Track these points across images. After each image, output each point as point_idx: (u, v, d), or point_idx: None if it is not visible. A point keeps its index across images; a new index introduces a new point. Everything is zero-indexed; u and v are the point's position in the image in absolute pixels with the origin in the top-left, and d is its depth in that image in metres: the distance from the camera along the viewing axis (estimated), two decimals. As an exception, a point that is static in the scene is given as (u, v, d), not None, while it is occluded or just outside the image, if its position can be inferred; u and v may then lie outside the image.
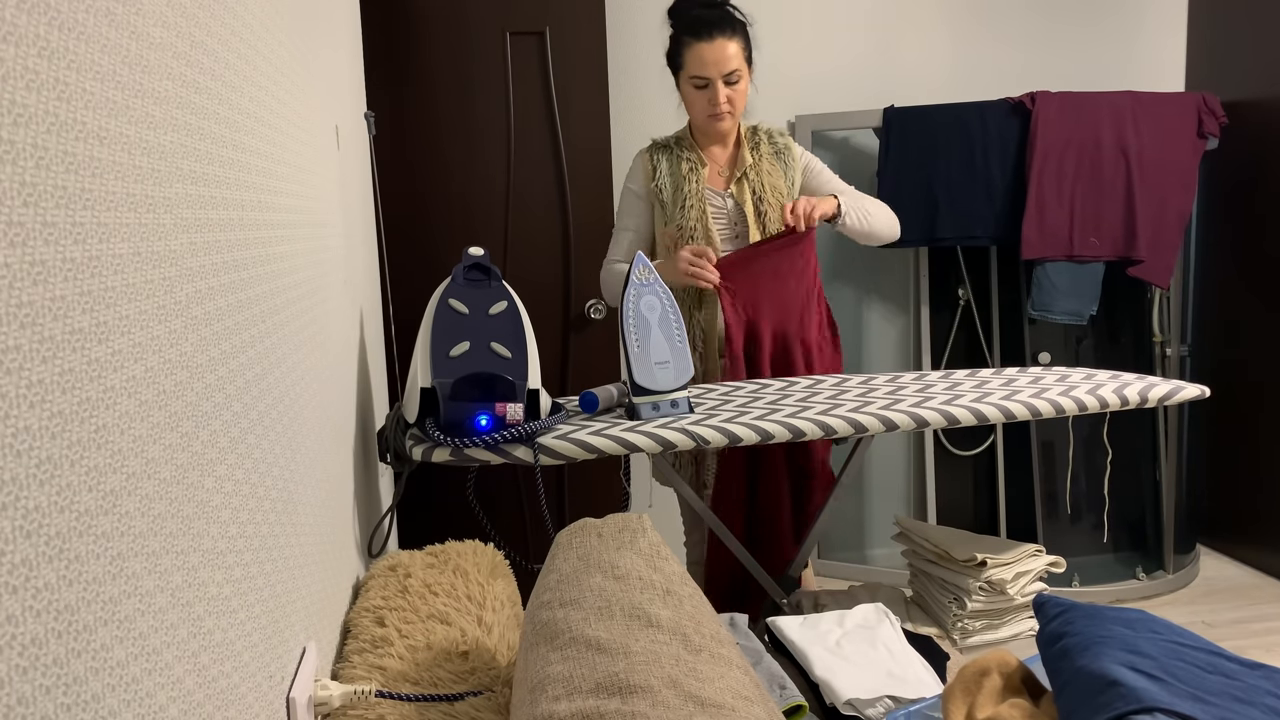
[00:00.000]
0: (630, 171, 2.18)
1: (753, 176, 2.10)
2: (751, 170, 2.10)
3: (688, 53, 2.01)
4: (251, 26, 1.03)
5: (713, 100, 2.02)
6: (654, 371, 1.65)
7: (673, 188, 2.10)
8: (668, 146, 2.15)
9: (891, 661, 1.32)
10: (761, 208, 2.09)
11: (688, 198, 2.08)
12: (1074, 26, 3.39)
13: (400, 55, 2.56)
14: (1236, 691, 0.88)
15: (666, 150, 2.14)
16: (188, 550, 0.69)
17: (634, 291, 1.68)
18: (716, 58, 1.98)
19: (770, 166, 2.12)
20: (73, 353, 0.52)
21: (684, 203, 2.07)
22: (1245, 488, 3.29)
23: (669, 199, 2.09)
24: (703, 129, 2.11)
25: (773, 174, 2.11)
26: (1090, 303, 2.93)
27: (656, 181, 2.11)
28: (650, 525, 1.13)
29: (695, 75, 2.01)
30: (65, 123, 0.53)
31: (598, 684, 0.80)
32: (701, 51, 1.99)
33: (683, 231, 2.07)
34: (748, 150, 2.12)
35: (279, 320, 1.07)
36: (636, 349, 1.65)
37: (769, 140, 2.15)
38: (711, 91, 2.01)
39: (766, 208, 2.08)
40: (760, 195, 2.09)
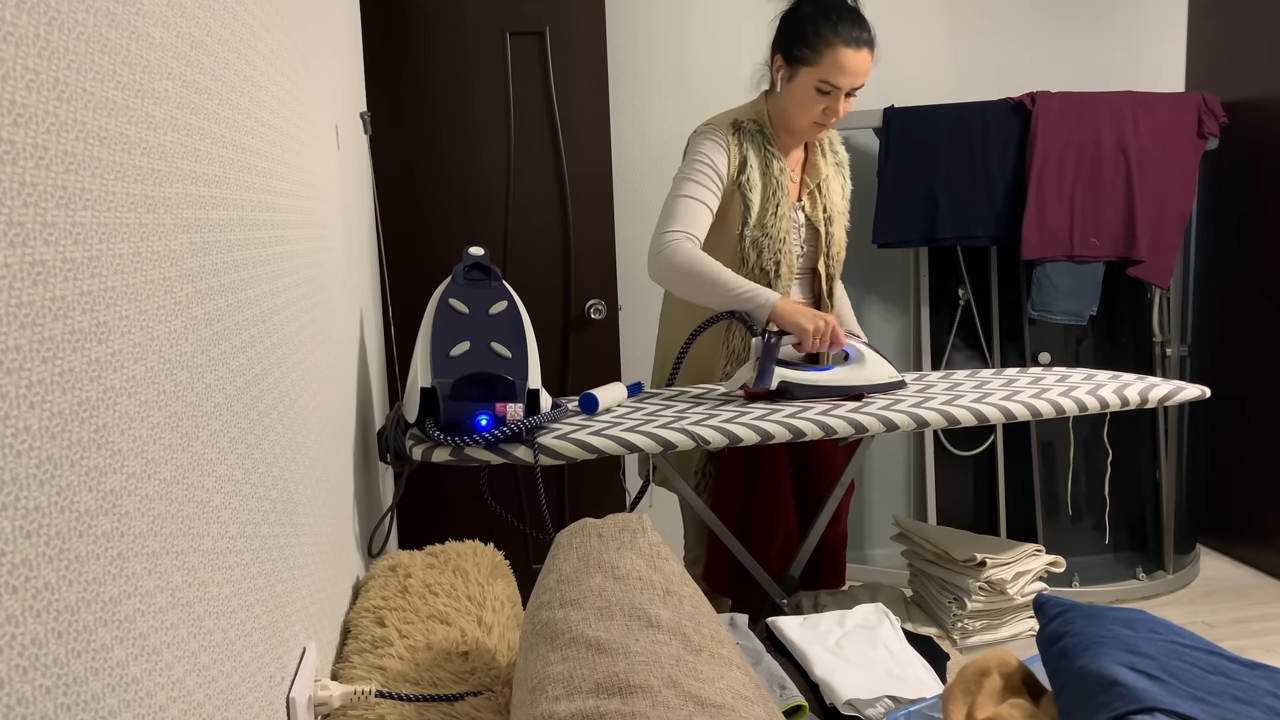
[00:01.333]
0: (707, 143, 1.88)
1: (825, 191, 1.94)
2: (824, 183, 1.94)
3: (829, 54, 1.78)
4: (251, 26, 1.03)
5: (831, 110, 1.83)
6: None
7: (763, 188, 1.87)
8: (751, 133, 1.90)
9: (891, 661, 1.32)
10: (830, 228, 1.94)
11: (780, 205, 1.87)
12: (1074, 26, 3.39)
13: (400, 55, 2.56)
14: (1236, 691, 0.88)
15: (752, 139, 1.89)
16: (188, 550, 0.69)
17: None
18: (859, 69, 1.79)
19: (834, 180, 1.97)
20: (73, 353, 0.52)
21: (775, 210, 1.86)
22: (1245, 488, 3.29)
23: (756, 200, 1.86)
24: (797, 131, 1.90)
25: (835, 190, 1.97)
26: (1090, 303, 2.93)
27: (746, 174, 1.86)
28: (650, 525, 1.13)
29: (828, 80, 1.79)
30: (65, 123, 0.53)
31: (598, 684, 0.80)
32: (847, 59, 1.77)
33: (771, 241, 1.86)
34: (820, 158, 1.95)
35: (279, 320, 1.07)
36: None
37: (831, 149, 2.00)
38: (834, 100, 1.82)
39: (833, 229, 1.94)
40: (830, 214, 1.94)
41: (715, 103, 3.15)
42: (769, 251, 1.86)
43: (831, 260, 1.96)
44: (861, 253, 3.22)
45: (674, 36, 3.12)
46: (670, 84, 3.14)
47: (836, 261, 1.97)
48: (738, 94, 3.16)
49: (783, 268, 1.88)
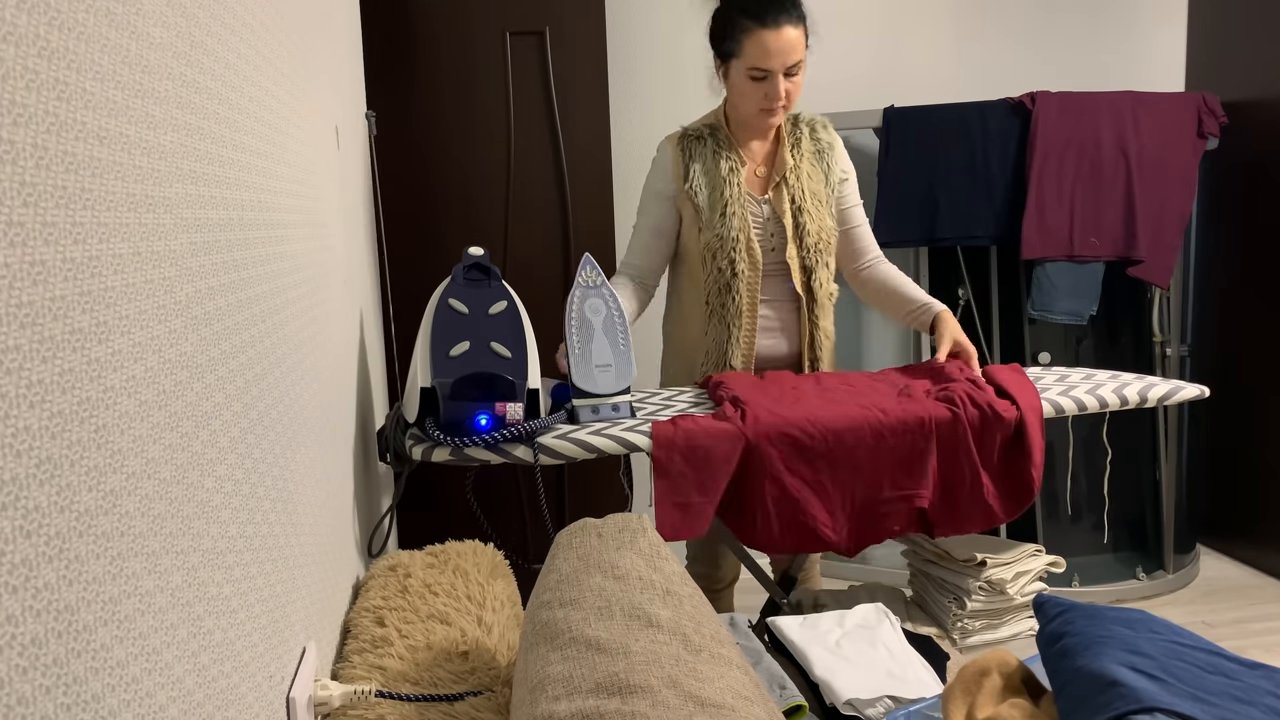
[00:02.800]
0: (655, 165, 1.95)
1: (793, 182, 1.89)
2: (791, 174, 1.89)
3: (747, 40, 1.77)
4: (251, 26, 1.03)
5: (770, 95, 1.80)
6: (594, 374, 1.63)
7: (710, 190, 1.87)
8: (701, 138, 1.91)
9: (891, 661, 1.32)
10: (800, 219, 1.88)
11: (729, 203, 1.86)
12: (1074, 26, 3.39)
13: (400, 55, 2.56)
14: (1236, 691, 0.88)
15: (700, 143, 1.91)
16: (188, 550, 0.69)
17: (579, 294, 1.65)
18: (782, 47, 1.75)
19: (811, 169, 1.91)
20: (73, 353, 0.52)
21: (724, 209, 1.86)
22: (1245, 488, 3.29)
23: (705, 203, 1.87)
24: (750, 124, 1.89)
25: (813, 178, 1.91)
26: (1090, 303, 2.93)
27: (690, 182, 1.88)
28: (650, 525, 1.13)
29: (755, 66, 1.78)
30: (65, 123, 0.53)
31: (598, 684, 0.80)
32: (765, 40, 1.75)
33: (723, 242, 1.86)
34: (788, 150, 1.91)
35: (279, 320, 1.07)
36: (578, 351, 1.63)
37: (810, 135, 1.94)
38: (770, 84, 1.79)
39: (806, 219, 1.88)
40: (800, 205, 1.88)
41: (714, 102, 3.15)
42: (722, 253, 1.87)
43: (807, 251, 1.89)
44: (861, 253, 3.22)
45: (674, 36, 3.12)
46: (670, 84, 3.14)
47: (817, 251, 1.90)
48: (738, 94, 3.15)
49: (739, 265, 1.86)
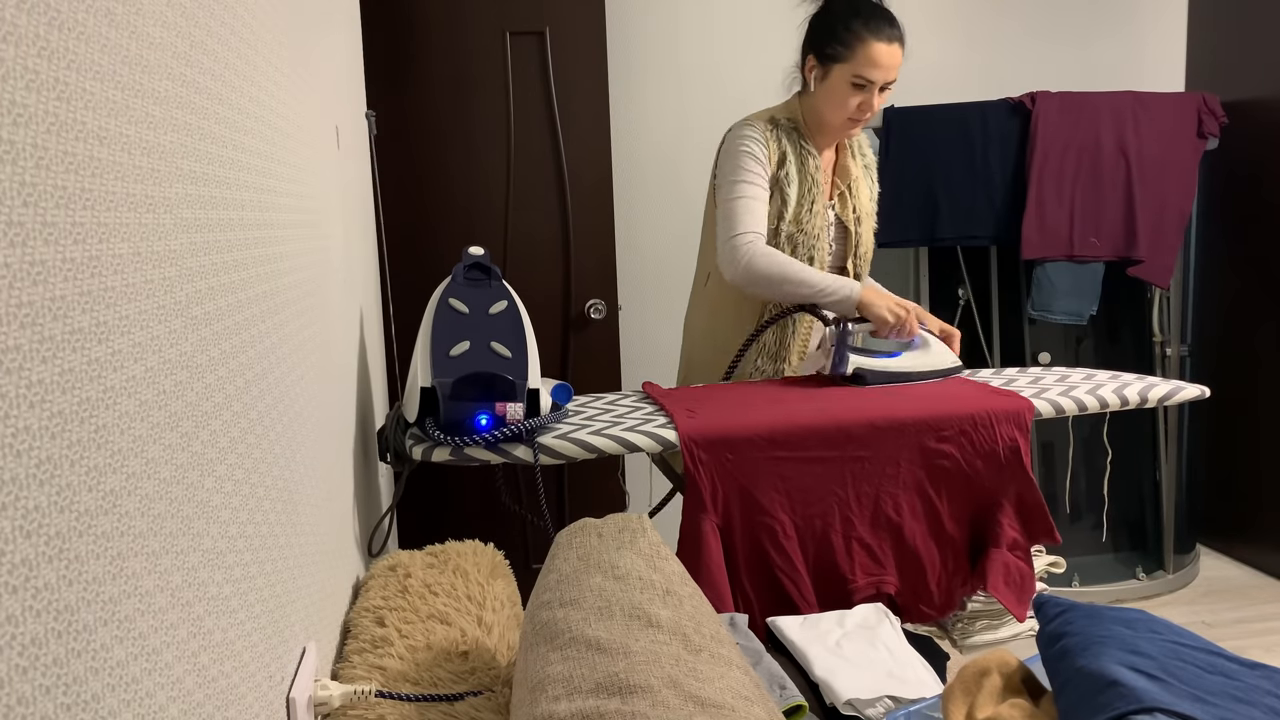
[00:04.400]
0: (747, 140, 1.90)
1: (856, 192, 1.96)
2: (855, 185, 1.96)
3: (861, 49, 1.81)
4: (251, 26, 1.03)
5: (865, 106, 1.84)
6: None
7: (800, 183, 1.89)
8: (787, 130, 1.92)
9: (891, 661, 1.32)
10: (859, 229, 1.95)
11: (815, 201, 1.89)
12: (1074, 26, 3.39)
13: (400, 55, 2.56)
14: (1236, 691, 0.88)
15: (788, 135, 1.91)
16: (188, 550, 0.69)
17: None
18: (891, 63, 1.81)
19: (863, 182, 1.99)
20: (73, 353, 0.52)
21: (811, 206, 1.89)
22: (1245, 488, 3.29)
23: (794, 196, 1.88)
24: (831, 129, 1.91)
25: (864, 191, 1.99)
26: (1090, 303, 2.93)
27: (785, 169, 1.88)
28: (650, 525, 1.13)
29: (861, 75, 1.81)
30: (65, 123, 0.53)
31: (598, 684, 0.80)
32: (878, 53, 1.80)
33: (806, 236, 1.88)
34: (850, 160, 1.97)
35: (279, 320, 1.07)
36: None
37: (860, 153, 2.01)
38: (868, 95, 1.83)
39: (862, 230, 1.96)
40: (859, 215, 1.95)
41: (714, 102, 3.15)
42: (803, 247, 1.89)
43: (859, 260, 1.98)
44: (861, 253, 3.22)
45: (674, 36, 3.12)
46: (670, 84, 3.14)
47: (864, 262, 2.00)
48: (736, 94, 3.15)
49: (815, 264, 1.90)
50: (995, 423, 1.60)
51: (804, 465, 1.55)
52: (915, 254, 3.14)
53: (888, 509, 1.58)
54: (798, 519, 1.56)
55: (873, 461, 1.58)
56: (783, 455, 1.54)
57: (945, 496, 1.60)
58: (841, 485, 1.57)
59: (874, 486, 1.58)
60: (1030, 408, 1.62)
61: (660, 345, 3.14)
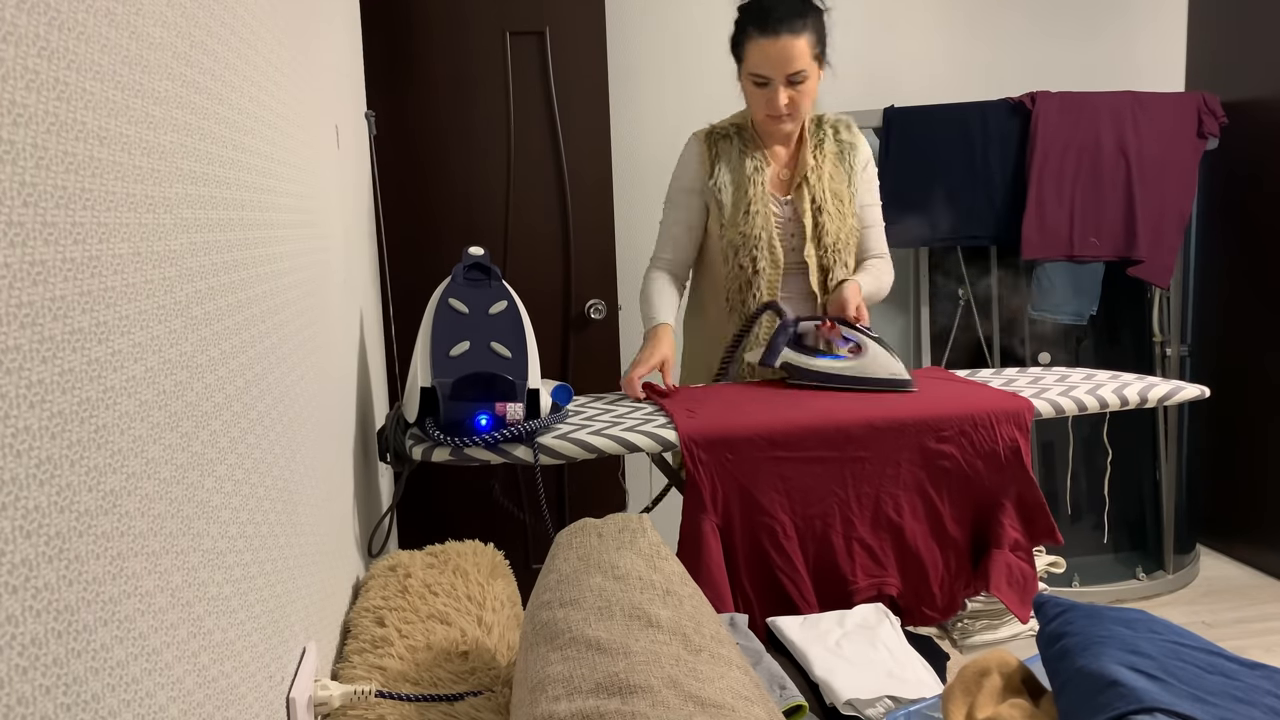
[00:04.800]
0: (682, 161, 1.98)
1: (814, 182, 1.91)
2: (813, 174, 1.91)
3: (750, 46, 1.81)
4: (251, 26, 1.03)
5: (771, 102, 1.83)
6: None
7: (734, 188, 1.90)
8: (728, 137, 1.94)
9: (891, 661, 1.32)
10: (820, 219, 1.90)
11: (753, 202, 1.89)
12: (1074, 26, 3.39)
13: (400, 55, 2.56)
14: (1236, 691, 0.88)
15: (727, 141, 1.94)
16: (188, 550, 0.69)
17: None
18: (780, 57, 1.78)
19: (834, 170, 1.93)
20: (73, 353, 0.52)
21: (748, 208, 1.89)
22: (1245, 488, 3.29)
23: (729, 201, 1.91)
24: (762, 128, 1.93)
25: (835, 179, 1.93)
26: (1090, 303, 2.92)
27: (715, 179, 1.91)
28: (650, 525, 1.13)
29: (754, 73, 1.82)
30: (65, 123, 0.53)
31: (598, 684, 0.80)
32: (764, 48, 1.79)
33: (746, 240, 1.89)
34: (809, 151, 1.93)
35: (279, 320, 1.07)
36: None
37: (834, 136, 1.96)
38: (771, 92, 1.82)
39: (825, 219, 1.90)
40: (820, 205, 1.90)
41: (715, 102, 3.14)
42: (744, 250, 1.90)
43: (825, 250, 1.92)
44: (861, 253, 3.22)
45: (674, 36, 3.12)
46: (670, 84, 3.14)
47: (835, 251, 1.93)
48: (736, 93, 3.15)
49: (760, 264, 1.90)
50: (995, 423, 1.60)
51: (804, 465, 1.55)
52: (915, 254, 3.14)
53: (888, 509, 1.58)
54: (798, 519, 1.56)
55: (873, 462, 1.58)
56: (783, 455, 1.54)
57: (946, 497, 1.60)
58: (842, 486, 1.57)
59: (874, 487, 1.58)
60: (1030, 408, 1.62)
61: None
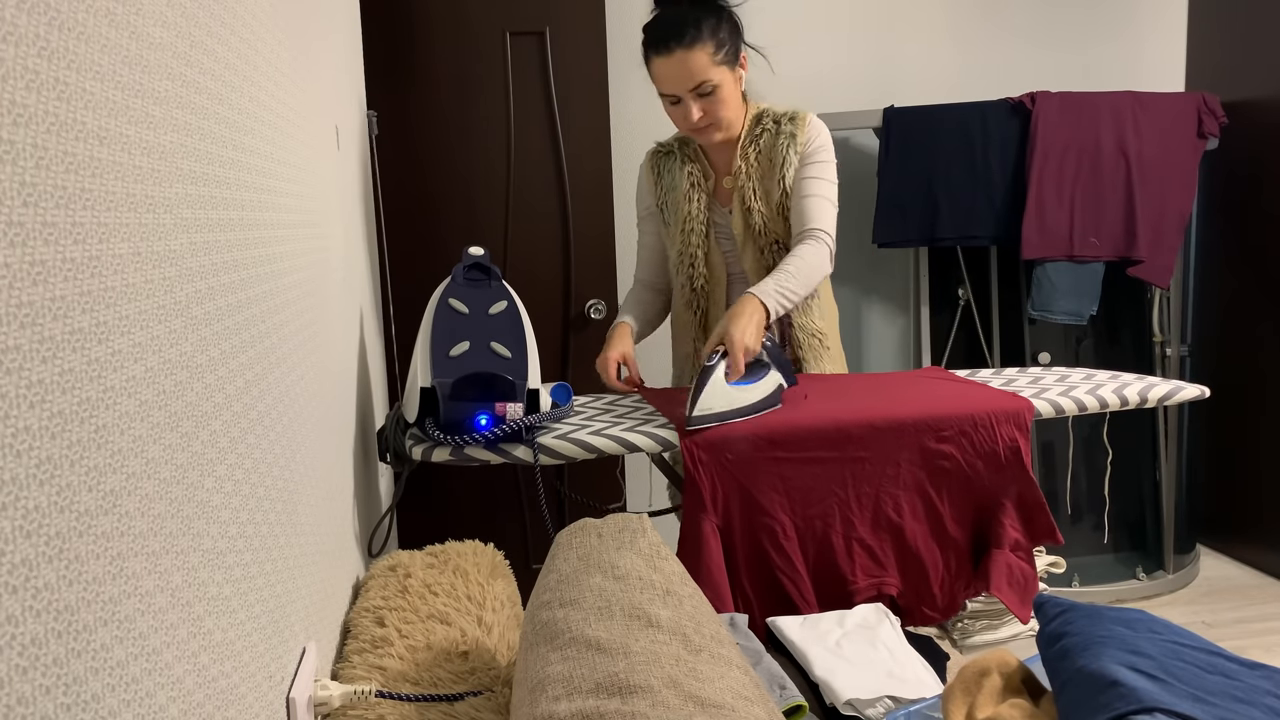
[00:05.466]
0: (638, 184, 2.01)
1: (743, 183, 1.87)
2: (743, 178, 1.87)
3: (651, 67, 1.79)
4: (251, 26, 1.03)
5: (686, 117, 1.79)
6: None
7: (674, 207, 1.91)
8: (670, 153, 1.95)
9: (891, 661, 1.32)
10: (751, 219, 1.86)
11: (687, 219, 1.89)
12: (1074, 27, 3.39)
13: (401, 55, 2.56)
14: (1236, 691, 0.88)
15: (669, 159, 1.94)
16: (188, 550, 0.69)
17: None
18: (677, 73, 1.74)
19: (767, 167, 1.86)
20: (73, 353, 0.52)
21: (683, 226, 1.89)
22: (1245, 488, 3.29)
23: (673, 222, 1.92)
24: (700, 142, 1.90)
25: (766, 179, 1.86)
26: (1090, 303, 2.93)
27: (659, 198, 1.93)
28: (650, 525, 1.13)
29: (662, 91, 1.80)
30: (65, 123, 0.53)
31: (598, 684, 0.80)
32: (661, 67, 1.76)
33: (683, 258, 1.91)
34: (739, 156, 1.87)
35: (279, 320, 1.07)
36: None
37: (775, 130, 1.86)
38: (684, 108, 1.78)
39: (758, 221, 1.86)
40: (749, 206, 1.86)
41: (715, 103, 3.15)
42: (683, 268, 1.93)
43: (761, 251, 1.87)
44: (862, 253, 3.22)
45: (674, 36, 3.12)
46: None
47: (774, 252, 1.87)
48: (738, 94, 3.15)
49: (697, 281, 1.92)
50: (995, 423, 1.60)
51: (804, 466, 1.55)
52: (915, 254, 3.14)
53: (888, 510, 1.58)
54: (798, 519, 1.56)
55: (873, 462, 1.57)
56: (782, 455, 1.54)
57: (946, 497, 1.60)
58: (842, 486, 1.57)
59: (874, 487, 1.58)
60: (1030, 408, 1.62)
61: (660, 345, 3.14)
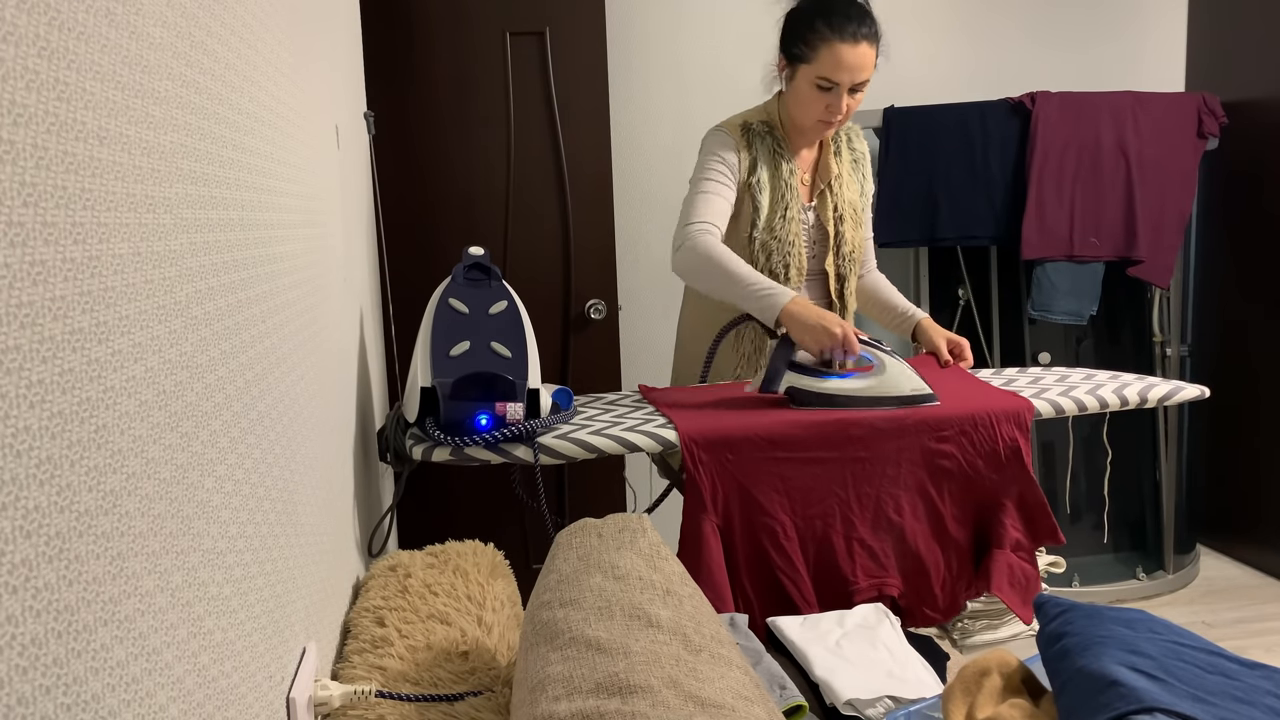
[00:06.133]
0: (718, 144, 1.88)
1: (837, 190, 1.93)
2: (836, 183, 1.93)
3: (824, 49, 1.76)
4: (251, 26, 1.03)
5: (834, 108, 1.81)
6: None
7: (771, 190, 1.87)
8: (762, 135, 1.90)
9: (891, 661, 1.32)
10: (840, 228, 1.92)
11: (789, 208, 1.87)
12: (1074, 26, 3.39)
13: (400, 55, 2.56)
14: (1236, 691, 0.88)
15: (761, 140, 1.89)
16: (188, 550, 0.69)
17: None
18: (858, 64, 1.77)
19: (849, 179, 1.95)
20: (73, 353, 0.52)
21: (784, 212, 1.87)
22: (1245, 488, 3.29)
23: (765, 203, 1.87)
24: (807, 130, 1.88)
25: (851, 188, 1.95)
26: (1090, 303, 2.92)
27: (756, 176, 1.87)
28: (650, 525, 1.13)
29: (824, 77, 1.78)
30: (65, 123, 0.53)
31: (598, 684, 0.80)
32: (843, 54, 1.76)
33: (780, 244, 1.87)
34: (833, 158, 1.94)
35: (279, 320, 1.07)
36: None
37: (849, 145, 1.98)
38: (835, 97, 1.79)
39: (845, 228, 1.93)
40: (841, 213, 1.92)
41: (715, 102, 3.15)
42: (778, 254, 1.87)
43: (843, 260, 1.94)
44: (861, 253, 3.22)
45: (674, 36, 3.12)
46: (670, 84, 3.14)
47: (850, 261, 1.95)
48: (737, 93, 3.15)
49: (791, 270, 1.88)
50: (995, 423, 1.60)
51: (804, 466, 1.55)
52: (915, 254, 3.14)
53: (889, 510, 1.58)
54: (798, 519, 1.56)
55: (873, 462, 1.57)
56: (782, 455, 1.54)
57: (947, 497, 1.60)
58: (842, 486, 1.57)
59: (875, 487, 1.58)
60: (1030, 408, 1.62)
61: (660, 345, 3.14)
